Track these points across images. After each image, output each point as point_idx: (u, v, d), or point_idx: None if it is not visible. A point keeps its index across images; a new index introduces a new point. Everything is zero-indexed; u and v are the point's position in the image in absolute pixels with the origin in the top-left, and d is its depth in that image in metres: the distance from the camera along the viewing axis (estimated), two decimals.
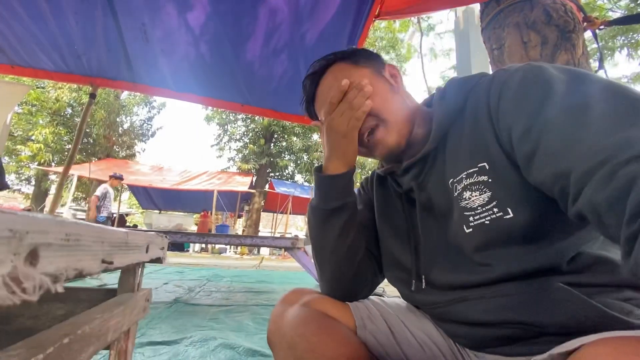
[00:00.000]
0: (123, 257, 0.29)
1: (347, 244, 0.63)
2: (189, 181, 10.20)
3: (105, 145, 12.28)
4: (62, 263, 0.18)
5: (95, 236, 0.23)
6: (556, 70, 0.44)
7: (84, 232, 0.21)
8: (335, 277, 0.65)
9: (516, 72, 0.48)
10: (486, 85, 0.51)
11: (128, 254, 0.30)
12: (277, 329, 0.59)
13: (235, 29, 2.34)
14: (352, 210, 0.64)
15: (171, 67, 2.68)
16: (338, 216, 0.63)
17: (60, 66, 2.67)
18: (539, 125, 0.40)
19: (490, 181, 0.48)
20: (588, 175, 0.33)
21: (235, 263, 6.84)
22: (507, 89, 0.47)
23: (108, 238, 0.25)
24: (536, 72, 0.45)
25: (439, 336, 0.61)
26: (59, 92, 11.61)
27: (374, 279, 0.68)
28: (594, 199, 0.32)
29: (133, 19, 2.27)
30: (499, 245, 0.47)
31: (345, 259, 0.63)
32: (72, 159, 2.85)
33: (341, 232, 0.63)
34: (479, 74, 0.58)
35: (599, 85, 0.39)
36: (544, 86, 0.42)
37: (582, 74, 0.42)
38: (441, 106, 0.57)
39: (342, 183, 0.63)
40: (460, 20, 4.00)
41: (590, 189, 0.33)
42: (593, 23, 1.52)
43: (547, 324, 0.43)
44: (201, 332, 1.45)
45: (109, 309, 0.32)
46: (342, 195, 0.63)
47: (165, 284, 2.98)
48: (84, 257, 0.21)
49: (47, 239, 0.17)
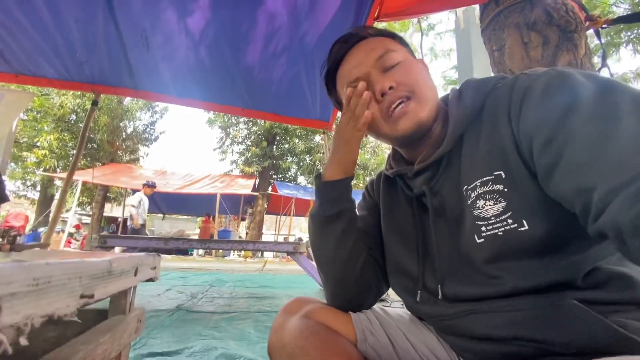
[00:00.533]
0: (106, 286, 0.28)
1: (347, 251, 0.62)
2: (192, 185, 10.24)
3: (109, 150, 12.35)
4: (29, 310, 0.17)
5: (71, 272, 0.22)
6: (583, 77, 0.42)
7: (56, 273, 0.20)
8: (337, 284, 0.64)
9: (540, 77, 0.45)
10: (507, 89, 0.49)
11: (113, 282, 0.29)
12: (278, 340, 0.58)
13: (235, 34, 2.34)
14: (350, 217, 0.63)
15: (172, 72, 2.69)
16: (335, 223, 0.62)
17: (63, 74, 2.69)
18: (563, 136, 0.38)
19: (506, 191, 0.46)
20: (613, 193, 0.32)
21: (238, 267, 6.84)
22: (530, 95, 0.45)
23: (86, 271, 0.24)
24: (561, 78, 0.43)
25: (443, 351, 0.59)
26: (63, 99, 11.71)
27: (378, 286, 0.67)
28: (618, 219, 0.31)
29: (134, 25, 2.28)
30: (512, 258, 0.45)
31: (346, 266, 0.62)
32: (76, 165, 2.87)
33: (340, 239, 0.62)
34: (497, 75, 0.56)
35: (628, 97, 0.37)
36: (569, 94, 0.40)
37: (610, 83, 0.40)
38: (458, 107, 0.55)
39: (338, 189, 0.63)
40: (461, 20, 3.98)
41: (615, 208, 0.31)
42: (596, 22, 1.50)
43: (558, 342, 0.41)
44: (202, 341, 1.44)
45: (95, 338, 0.31)
46: (339, 202, 0.63)
47: (168, 290, 2.98)
48: (58, 298, 0.20)
49: (9, 289, 0.16)
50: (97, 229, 11.59)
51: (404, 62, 0.58)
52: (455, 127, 0.54)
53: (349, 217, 0.63)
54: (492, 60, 1.67)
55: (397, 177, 0.66)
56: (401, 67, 0.57)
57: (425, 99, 0.55)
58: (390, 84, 0.55)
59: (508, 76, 0.54)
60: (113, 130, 12.23)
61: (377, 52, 0.58)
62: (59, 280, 0.20)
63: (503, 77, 0.55)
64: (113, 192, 13.80)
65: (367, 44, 0.60)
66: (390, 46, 0.59)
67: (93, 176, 7.46)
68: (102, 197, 12.04)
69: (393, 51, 0.58)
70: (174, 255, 9.98)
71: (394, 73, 0.57)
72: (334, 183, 0.63)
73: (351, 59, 0.61)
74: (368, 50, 0.59)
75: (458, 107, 0.55)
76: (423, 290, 0.57)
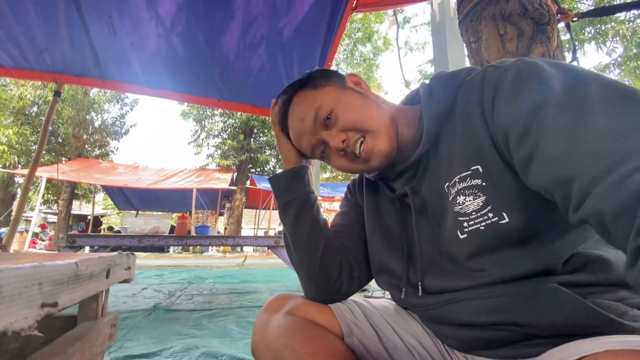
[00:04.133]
0: (73, 292, 0.24)
1: (304, 237, 0.65)
2: (166, 180, 9.90)
3: (75, 144, 11.75)
4: None
5: (28, 280, 0.19)
6: (550, 66, 0.42)
7: (9, 280, 0.17)
8: (303, 270, 0.65)
9: (508, 69, 0.45)
10: (477, 82, 0.49)
11: (80, 287, 0.26)
12: (262, 339, 0.58)
13: (209, 22, 2.25)
14: (301, 205, 0.66)
15: (142, 62, 2.55)
16: (288, 212, 0.67)
17: (20, 62, 2.49)
18: (537, 128, 0.39)
19: (484, 185, 0.46)
20: (593, 182, 0.32)
21: (218, 262, 6.73)
22: (501, 87, 0.45)
23: (48, 276, 0.21)
24: (529, 69, 0.43)
25: (428, 339, 0.60)
26: (22, 90, 10.99)
27: (351, 273, 0.66)
28: (600, 208, 0.31)
29: (98, 10, 2.14)
30: (494, 250, 0.46)
31: (306, 252, 0.64)
32: (38, 161, 2.70)
33: (294, 226, 0.66)
34: (465, 68, 0.56)
35: (597, 83, 0.37)
36: (539, 86, 0.40)
37: (576, 70, 0.40)
38: (430, 105, 0.55)
39: (283, 179, 0.68)
40: (436, 13, 4.02)
41: (596, 197, 0.31)
42: (567, 15, 1.54)
43: (539, 325, 0.42)
44: (182, 341, 1.39)
45: (63, 348, 0.28)
46: (287, 192, 0.67)
47: (144, 289, 2.88)
48: (12, 310, 0.17)
49: None
50: (65, 228, 11.04)
51: (337, 105, 0.58)
52: (430, 127, 0.54)
53: (300, 206, 0.66)
54: (469, 52, 1.69)
55: (379, 180, 0.66)
56: (337, 112, 0.58)
57: (376, 128, 0.56)
58: (341, 138, 0.57)
59: (476, 68, 0.54)
60: (79, 124, 11.63)
61: (310, 116, 0.60)
62: (13, 289, 0.17)
63: (472, 69, 0.55)
64: (81, 188, 13.18)
65: (298, 104, 0.63)
66: (316, 100, 0.60)
67: (58, 172, 7.03)
68: (69, 194, 11.46)
69: (321, 103, 0.59)
70: (149, 253, 9.68)
71: (336, 123, 0.58)
72: (277, 175, 0.70)
73: (291, 130, 0.65)
74: (300, 120, 0.62)
75: (430, 106, 0.55)
76: (407, 286, 0.58)
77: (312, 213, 0.66)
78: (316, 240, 0.64)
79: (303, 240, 0.65)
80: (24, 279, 0.18)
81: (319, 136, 0.60)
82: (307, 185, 0.68)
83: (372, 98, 0.61)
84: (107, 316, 0.41)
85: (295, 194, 0.67)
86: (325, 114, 0.58)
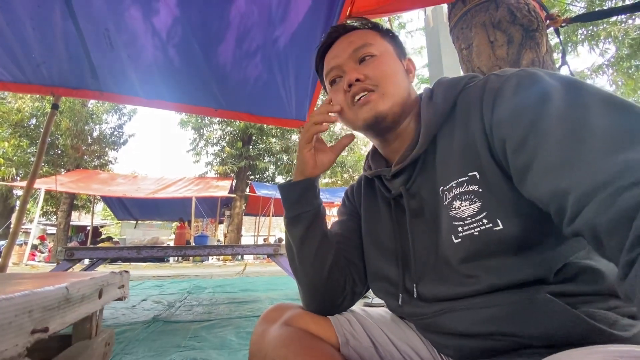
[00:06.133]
0: (64, 316, 0.25)
1: (312, 253, 0.62)
2: (165, 189, 9.89)
3: (74, 155, 11.74)
4: None
5: (18, 309, 0.19)
6: (550, 77, 0.43)
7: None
8: (307, 287, 0.64)
9: (510, 78, 0.46)
10: (479, 89, 0.50)
11: (72, 310, 0.26)
12: (259, 350, 0.58)
13: (205, 33, 2.27)
14: (312, 218, 0.64)
15: (139, 73, 2.57)
16: (297, 226, 0.64)
17: (18, 76, 2.51)
18: (535, 138, 0.39)
19: (480, 191, 0.47)
20: (588, 196, 0.32)
21: (217, 271, 6.68)
22: (501, 97, 0.46)
23: (38, 303, 0.21)
24: (530, 80, 0.44)
25: (424, 348, 0.60)
26: (20, 103, 11.02)
27: (354, 289, 0.66)
28: (594, 221, 0.31)
29: (95, 24, 2.16)
30: (487, 257, 0.46)
31: (313, 268, 0.63)
32: (36, 172, 2.70)
33: (303, 241, 0.63)
34: (467, 75, 0.57)
35: (596, 97, 0.38)
36: (539, 96, 0.41)
37: (576, 83, 0.41)
38: (429, 108, 0.56)
39: (296, 191, 0.64)
40: (430, 18, 4.07)
41: (591, 211, 0.32)
42: (555, 21, 1.57)
43: (533, 335, 0.43)
44: (181, 353, 1.39)
45: None
46: (297, 205, 0.64)
47: (144, 301, 2.86)
48: (1, 340, 0.17)
49: None
50: (64, 239, 10.98)
51: (378, 56, 0.59)
52: (427, 127, 0.55)
53: (311, 219, 0.64)
54: (460, 58, 1.71)
55: (375, 179, 0.66)
56: (374, 61, 0.59)
57: (388, 94, 0.57)
58: (358, 76, 0.57)
59: (479, 76, 0.55)
60: (77, 135, 11.64)
61: (355, 44, 0.60)
62: (3, 319, 0.18)
63: (474, 76, 0.56)
64: (81, 199, 13.14)
65: (350, 36, 0.62)
66: (370, 40, 0.61)
67: (56, 183, 7.02)
68: (68, 205, 11.43)
69: (371, 45, 0.60)
70: (148, 263, 9.62)
71: (366, 66, 0.58)
72: (291, 184, 0.65)
73: (334, 49, 0.64)
74: (348, 43, 0.61)
75: (429, 107, 0.56)
76: (404, 293, 0.58)
77: (322, 228, 0.65)
78: (324, 256, 0.63)
79: (312, 255, 0.63)
80: (14, 308, 0.19)
81: (346, 63, 0.60)
82: (318, 196, 0.66)
83: (408, 83, 0.62)
84: (102, 335, 0.41)
85: (307, 207, 0.64)
86: (366, 53, 0.59)
